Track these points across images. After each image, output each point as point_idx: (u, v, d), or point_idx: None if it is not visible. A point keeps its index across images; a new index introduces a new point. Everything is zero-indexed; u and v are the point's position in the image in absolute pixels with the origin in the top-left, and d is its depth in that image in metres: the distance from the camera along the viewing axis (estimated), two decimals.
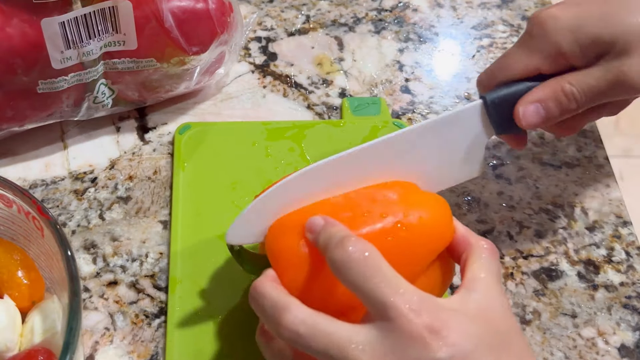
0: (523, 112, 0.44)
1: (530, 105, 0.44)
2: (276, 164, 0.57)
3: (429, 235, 0.40)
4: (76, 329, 0.36)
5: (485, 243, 0.40)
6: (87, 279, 0.50)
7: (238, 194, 0.54)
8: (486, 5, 0.72)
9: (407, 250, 0.39)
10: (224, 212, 0.53)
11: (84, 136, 0.59)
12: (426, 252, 0.40)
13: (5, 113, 0.53)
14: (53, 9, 0.49)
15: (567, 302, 0.51)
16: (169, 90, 0.59)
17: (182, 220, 0.53)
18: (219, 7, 0.54)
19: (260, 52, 0.67)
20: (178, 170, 0.56)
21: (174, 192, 0.54)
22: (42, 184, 0.56)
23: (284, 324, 0.36)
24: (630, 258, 0.53)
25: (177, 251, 0.51)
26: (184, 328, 0.47)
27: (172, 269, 0.50)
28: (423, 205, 0.41)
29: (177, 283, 0.49)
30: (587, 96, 0.44)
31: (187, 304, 0.48)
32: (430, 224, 0.40)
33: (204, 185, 0.55)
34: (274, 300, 0.37)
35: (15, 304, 0.43)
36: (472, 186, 0.57)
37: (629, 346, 0.49)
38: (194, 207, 0.53)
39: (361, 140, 0.58)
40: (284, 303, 0.36)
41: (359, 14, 0.71)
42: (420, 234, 0.40)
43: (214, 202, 0.54)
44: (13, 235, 0.46)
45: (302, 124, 0.60)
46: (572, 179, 0.58)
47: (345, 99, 0.62)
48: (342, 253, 0.36)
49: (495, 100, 0.44)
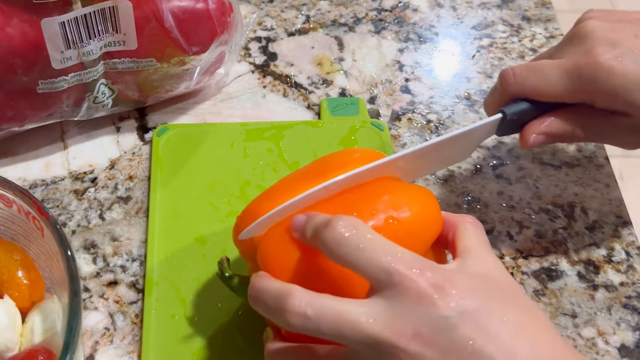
0: (534, 140, 0.46)
1: (541, 136, 0.46)
2: (254, 165, 0.57)
3: (420, 227, 0.40)
4: (76, 329, 0.36)
5: (468, 218, 0.41)
6: (87, 279, 0.50)
7: (216, 195, 0.54)
8: (486, 5, 0.72)
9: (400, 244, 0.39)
10: (202, 213, 0.53)
11: (84, 136, 0.59)
12: (419, 243, 0.40)
13: (5, 113, 0.53)
14: (53, 9, 0.49)
15: (567, 302, 0.51)
16: (169, 90, 0.59)
17: (159, 222, 0.53)
18: (219, 7, 0.54)
19: (260, 52, 0.67)
20: (156, 171, 0.56)
21: (152, 193, 0.54)
22: (42, 184, 0.56)
23: (290, 308, 0.34)
24: (630, 258, 0.53)
25: (154, 253, 0.51)
26: (160, 331, 0.47)
27: (148, 270, 0.50)
28: (412, 199, 0.41)
29: (153, 285, 0.49)
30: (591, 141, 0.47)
31: (164, 306, 0.48)
32: (421, 216, 0.40)
33: (181, 186, 0.55)
34: (276, 291, 0.36)
35: (15, 304, 0.43)
36: (472, 186, 0.57)
37: (629, 346, 0.49)
38: (172, 209, 0.53)
39: (339, 140, 0.59)
40: (287, 290, 0.35)
41: (359, 14, 0.71)
42: (412, 226, 0.40)
43: (192, 203, 0.54)
44: (13, 235, 0.46)
45: (280, 125, 0.60)
46: (572, 179, 0.58)
47: (323, 99, 0.62)
48: (331, 233, 0.35)
49: (513, 117, 0.46)
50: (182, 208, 0.54)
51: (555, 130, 0.46)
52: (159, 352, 0.46)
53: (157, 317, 0.48)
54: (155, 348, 0.46)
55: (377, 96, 0.63)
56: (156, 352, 0.46)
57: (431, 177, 0.57)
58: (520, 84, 0.46)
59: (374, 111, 0.62)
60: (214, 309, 0.48)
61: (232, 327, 0.47)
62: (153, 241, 0.52)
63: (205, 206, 0.54)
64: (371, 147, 0.58)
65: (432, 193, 0.43)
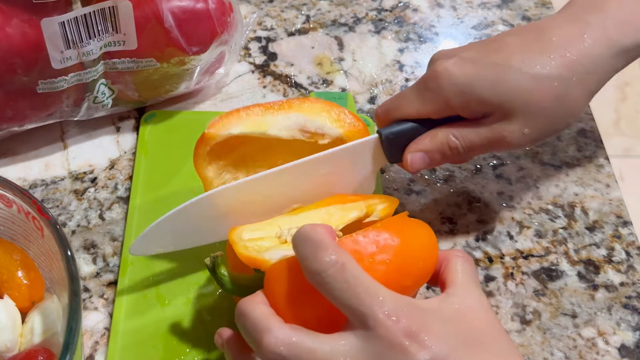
0: (411, 159, 0.48)
1: (417, 154, 0.48)
2: None
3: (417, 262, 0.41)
4: (76, 329, 0.36)
5: (458, 252, 0.42)
6: (87, 279, 0.50)
7: (198, 182, 0.54)
8: (486, 5, 0.72)
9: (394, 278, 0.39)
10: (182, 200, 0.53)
11: (84, 136, 0.59)
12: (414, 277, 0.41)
13: (5, 113, 0.53)
14: (53, 9, 0.49)
15: (567, 302, 0.51)
16: (169, 90, 0.59)
17: (140, 206, 0.53)
18: (219, 7, 0.54)
19: (260, 52, 0.67)
20: (140, 157, 0.57)
21: (134, 178, 0.55)
22: (42, 184, 0.56)
23: (265, 346, 0.36)
24: (630, 258, 0.53)
25: (132, 233, 0.52)
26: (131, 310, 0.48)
27: (125, 250, 0.51)
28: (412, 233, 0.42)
29: (128, 265, 0.50)
30: (469, 150, 0.47)
31: (136, 286, 0.49)
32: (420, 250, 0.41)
33: (164, 172, 0.56)
34: (256, 321, 0.37)
35: (15, 304, 0.43)
36: (472, 186, 0.57)
37: (629, 346, 0.49)
38: (153, 193, 0.54)
39: None
40: (266, 324, 0.36)
41: (359, 14, 0.71)
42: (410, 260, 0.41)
43: (173, 189, 0.54)
44: (13, 235, 0.46)
45: None
46: (572, 179, 0.58)
47: (312, 93, 0.62)
48: (317, 265, 0.36)
49: (389, 136, 0.48)
50: (163, 192, 0.54)
51: (430, 146, 0.47)
52: (128, 330, 0.47)
53: (129, 297, 0.49)
54: (124, 327, 0.47)
55: (377, 96, 0.63)
56: (125, 331, 0.47)
57: (431, 178, 0.57)
58: (389, 111, 0.49)
59: (374, 111, 0.62)
60: (186, 290, 0.49)
61: (206, 315, 0.48)
62: (132, 222, 0.53)
63: (186, 192, 0.54)
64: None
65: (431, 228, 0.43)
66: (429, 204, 0.56)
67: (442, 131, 0.47)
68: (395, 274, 0.39)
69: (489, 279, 0.52)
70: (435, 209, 0.55)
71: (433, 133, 0.47)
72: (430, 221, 0.54)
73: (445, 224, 0.55)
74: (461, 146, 0.47)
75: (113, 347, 0.46)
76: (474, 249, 0.53)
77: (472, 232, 0.54)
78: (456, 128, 0.47)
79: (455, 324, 0.36)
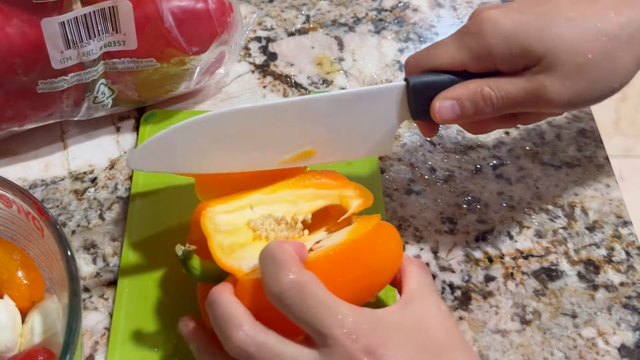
0: (439, 106, 0.44)
1: (447, 101, 0.44)
2: None
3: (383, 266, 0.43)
4: (76, 329, 0.36)
5: (415, 260, 0.43)
6: (87, 279, 0.50)
7: None
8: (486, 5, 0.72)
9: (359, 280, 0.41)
10: (182, 199, 0.54)
11: (84, 136, 0.59)
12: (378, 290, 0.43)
13: (5, 113, 0.53)
14: (53, 9, 0.49)
15: (567, 302, 0.51)
16: (169, 90, 0.59)
17: (140, 206, 0.53)
18: (219, 7, 0.54)
19: (260, 52, 0.67)
20: None
21: (134, 178, 0.55)
22: (42, 184, 0.56)
23: (234, 340, 0.36)
24: (630, 258, 0.53)
25: (132, 232, 0.52)
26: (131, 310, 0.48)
27: (124, 250, 0.51)
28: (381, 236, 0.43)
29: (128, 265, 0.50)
30: (504, 103, 0.44)
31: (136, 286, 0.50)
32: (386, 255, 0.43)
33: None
34: (228, 314, 0.37)
35: (15, 304, 0.43)
36: (472, 186, 0.57)
37: (629, 346, 0.49)
38: (153, 194, 0.54)
39: None
40: (237, 319, 0.37)
41: (359, 14, 0.71)
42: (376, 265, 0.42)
43: (173, 189, 0.54)
44: (13, 235, 0.46)
45: None
46: (572, 179, 0.58)
47: (311, 92, 0.62)
48: (277, 287, 0.36)
49: (417, 85, 0.44)
50: (164, 192, 0.54)
51: (462, 94, 0.44)
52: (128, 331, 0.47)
53: (129, 297, 0.49)
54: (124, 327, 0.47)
55: None
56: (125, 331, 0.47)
57: (431, 178, 0.57)
58: (421, 60, 0.46)
59: None
60: (186, 290, 0.49)
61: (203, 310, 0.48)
62: (132, 222, 0.52)
63: (187, 191, 0.54)
64: None
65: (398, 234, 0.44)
66: (429, 204, 0.56)
67: (476, 81, 0.44)
68: (362, 288, 0.41)
69: (489, 279, 0.52)
70: (435, 209, 0.55)
71: (466, 82, 0.44)
72: (430, 221, 0.55)
73: (445, 224, 0.55)
74: (496, 97, 0.44)
75: (113, 347, 0.46)
76: (474, 249, 0.53)
77: (472, 232, 0.54)
78: (492, 80, 0.44)
79: (414, 334, 0.37)
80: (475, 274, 0.52)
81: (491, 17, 0.44)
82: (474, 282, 0.51)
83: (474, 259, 0.53)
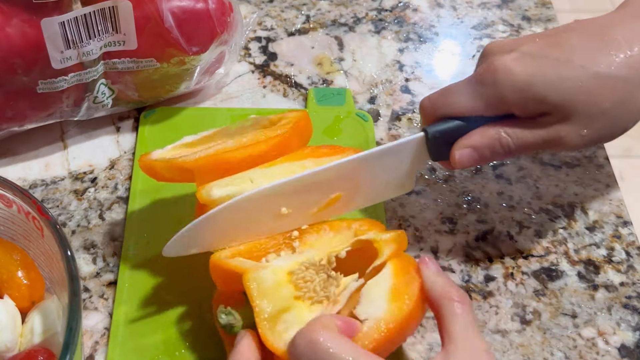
0: (459, 155, 0.46)
1: (466, 150, 0.46)
2: None
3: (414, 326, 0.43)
4: (76, 329, 0.36)
5: (455, 295, 0.41)
6: (87, 279, 0.50)
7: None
8: (486, 5, 0.72)
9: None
10: (181, 199, 0.54)
11: (84, 136, 0.59)
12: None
13: (5, 113, 0.53)
14: (53, 9, 0.49)
15: (567, 302, 0.51)
16: (169, 90, 0.59)
17: (140, 206, 0.53)
18: (219, 7, 0.54)
19: (260, 52, 0.67)
20: (140, 152, 0.56)
21: (134, 178, 0.55)
22: (42, 184, 0.56)
23: None
24: (630, 258, 0.53)
25: (132, 234, 0.52)
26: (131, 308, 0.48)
27: (124, 248, 0.51)
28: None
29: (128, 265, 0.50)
30: (521, 149, 0.45)
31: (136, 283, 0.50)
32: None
33: None
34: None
35: (15, 304, 0.43)
36: (472, 186, 0.57)
37: (629, 346, 0.49)
38: (153, 193, 0.54)
39: (323, 129, 0.59)
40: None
41: (359, 14, 0.71)
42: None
43: (173, 188, 0.54)
44: (13, 235, 0.46)
45: (265, 111, 0.60)
46: (572, 179, 0.58)
47: (311, 89, 0.62)
48: (292, 349, 0.37)
49: (436, 135, 0.46)
50: (164, 192, 0.54)
51: (479, 142, 0.45)
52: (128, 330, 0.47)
53: (129, 297, 0.49)
54: (124, 327, 0.47)
55: (377, 96, 0.63)
56: (125, 331, 0.47)
57: (431, 178, 0.57)
58: (436, 107, 0.47)
59: (373, 111, 0.62)
60: (186, 290, 0.49)
61: (203, 310, 0.48)
62: (132, 222, 0.52)
63: (188, 191, 0.54)
64: (355, 136, 0.59)
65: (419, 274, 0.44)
66: (429, 204, 0.56)
67: (494, 128, 0.45)
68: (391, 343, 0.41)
69: (489, 279, 0.52)
70: (435, 209, 0.55)
71: (483, 129, 0.45)
72: (430, 221, 0.55)
73: (445, 224, 0.55)
74: (513, 144, 0.45)
75: (113, 347, 0.46)
76: (474, 249, 0.53)
77: (472, 232, 0.54)
78: (509, 126, 0.45)
79: None
80: (475, 274, 0.52)
81: (505, 66, 0.44)
82: (474, 282, 0.51)
83: (474, 259, 0.53)
